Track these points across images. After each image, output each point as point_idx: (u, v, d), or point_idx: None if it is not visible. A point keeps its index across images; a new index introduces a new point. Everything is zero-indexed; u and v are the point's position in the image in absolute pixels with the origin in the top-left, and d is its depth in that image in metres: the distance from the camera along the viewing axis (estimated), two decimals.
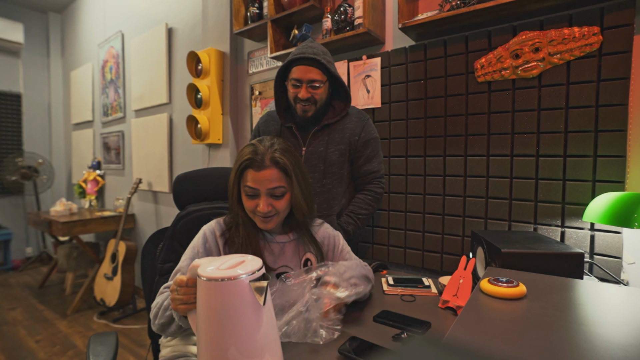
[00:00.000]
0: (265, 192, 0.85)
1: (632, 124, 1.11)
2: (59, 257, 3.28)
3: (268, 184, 0.85)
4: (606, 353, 0.40)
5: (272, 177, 0.85)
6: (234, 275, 0.57)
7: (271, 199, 0.87)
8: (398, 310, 0.96)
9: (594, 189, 1.13)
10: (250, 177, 0.85)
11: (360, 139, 1.33)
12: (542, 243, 0.95)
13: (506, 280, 0.61)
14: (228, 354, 0.57)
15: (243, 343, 0.58)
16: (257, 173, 0.84)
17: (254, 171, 0.85)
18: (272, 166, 0.85)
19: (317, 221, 1.04)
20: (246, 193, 0.88)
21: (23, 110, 4.20)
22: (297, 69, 1.23)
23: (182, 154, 2.73)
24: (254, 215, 0.89)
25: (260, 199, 0.85)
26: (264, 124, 1.44)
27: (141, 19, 3.08)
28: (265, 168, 0.85)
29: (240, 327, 0.58)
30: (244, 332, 0.58)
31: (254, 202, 0.87)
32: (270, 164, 0.85)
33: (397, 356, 0.22)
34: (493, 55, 1.28)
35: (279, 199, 0.87)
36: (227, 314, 0.57)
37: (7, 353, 2.20)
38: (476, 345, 0.44)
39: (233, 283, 0.57)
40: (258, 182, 0.85)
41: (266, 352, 0.60)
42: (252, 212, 0.89)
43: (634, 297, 0.56)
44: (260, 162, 0.85)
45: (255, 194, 0.86)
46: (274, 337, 0.63)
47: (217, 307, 0.58)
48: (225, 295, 0.58)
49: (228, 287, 0.57)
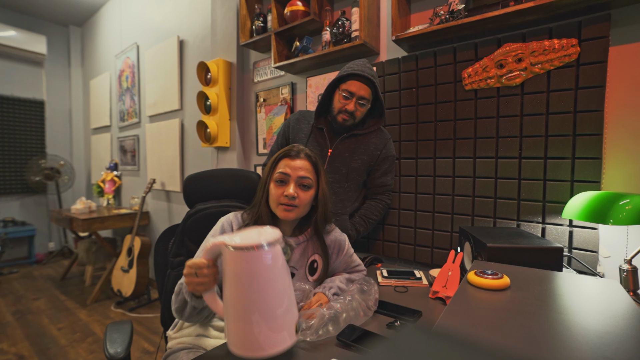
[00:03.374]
0: (295, 180, 0.87)
1: (607, 129, 1.10)
2: (79, 251, 3.28)
3: (299, 171, 0.88)
4: (584, 340, 0.40)
5: (304, 166, 0.89)
6: (259, 244, 0.58)
7: (298, 189, 0.88)
8: (392, 300, 0.96)
9: (572, 188, 1.13)
10: (284, 164, 0.89)
11: (382, 155, 1.36)
12: (525, 238, 0.95)
13: (491, 272, 0.61)
14: (252, 318, 0.58)
15: (268, 307, 0.59)
16: (292, 161, 0.89)
17: (288, 159, 0.89)
18: (306, 158, 0.90)
19: (330, 226, 1.03)
20: (276, 180, 0.89)
21: (46, 116, 4.20)
22: (353, 83, 1.24)
23: (192, 156, 2.73)
24: (277, 206, 0.88)
25: (289, 185, 0.87)
26: (295, 121, 1.44)
27: (155, 31, 3.08)
28: (300, 158, 0.89)
29: (265, 292, 0.59)
30: (271, 296, 0.59)
31: (282, 189, 0.88)
32: (304, 156, 0.90)
33: (391, 343, 0.22)
34: (479, 65, 1.28)
35: (306, 189, 0.89)
36: (255, 280, 0.58)
37: (32, 340, 2.19)
38: (463, 332, 0.44)
39: (260, 252, 0.58)
40: (291, 168, 0.88)
41: (283, 310, 0.61)
42: (277, 200, 0.88)
43: (609, 288, 0.56)
44: (296, 154, 0.90)
45: (285, 180, 0.88)
46: (290, 295, 0.64)
47: (245, 274, 0.58)
48: (254, 262, 0.58)
49: (257, 255, 0.58)
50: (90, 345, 2.13)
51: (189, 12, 2.68)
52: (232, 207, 1.01)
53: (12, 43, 3.76)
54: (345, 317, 0.79)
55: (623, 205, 0.84)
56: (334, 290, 0.93)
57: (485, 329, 0.44)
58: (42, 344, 2.14)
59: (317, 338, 0.73)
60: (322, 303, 0.86)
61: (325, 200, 0.92)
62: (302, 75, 1.97)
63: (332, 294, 0.91)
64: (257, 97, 2.22)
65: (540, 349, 0.38)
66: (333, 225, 1.05)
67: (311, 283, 0.97)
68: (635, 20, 1.05)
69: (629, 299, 0.52)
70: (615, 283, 0.59)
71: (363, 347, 0.70)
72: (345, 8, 1.72)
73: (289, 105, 2.03)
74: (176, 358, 0.87)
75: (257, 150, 2.25)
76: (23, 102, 4.00)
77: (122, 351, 0.81)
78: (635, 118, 1.06)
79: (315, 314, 0.76)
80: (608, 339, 0.39)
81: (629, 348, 0.37)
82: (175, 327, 0.96)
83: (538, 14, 1.14)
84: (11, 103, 3.92)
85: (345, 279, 1.00)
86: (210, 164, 2.45)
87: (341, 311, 0.80)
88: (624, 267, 0.90)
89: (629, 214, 0.82)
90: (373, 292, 0.90)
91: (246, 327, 0.58)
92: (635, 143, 1.06)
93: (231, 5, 2.21)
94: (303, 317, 0.77)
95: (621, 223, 0.82)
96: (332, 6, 1.80)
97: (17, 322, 2.44)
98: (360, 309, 0.84)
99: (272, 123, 2.14)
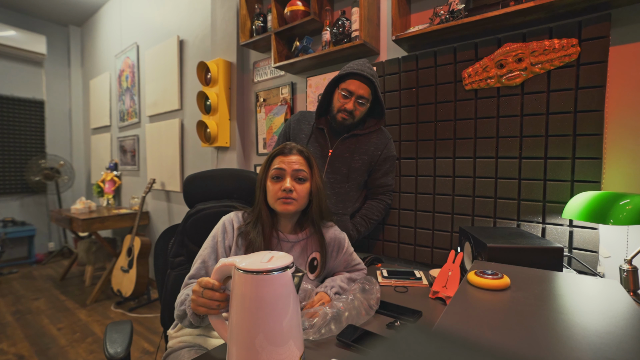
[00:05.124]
0: (291, 173, 0.90)
1: (607, 129, 1.10)
2: (79, 251, 3.28)
3: (294, 165, 0.90)
4: (584, 340, 0.40)
5: (297, 160, 0.91)
6: (272, 268, 0.57)
7: (295, 182, 0.90)
8: (392, 301, 0.96)
9: (573, 188, 1.13)
10: (279, 160, 0.91)
11: (382, 155, 1.36)
12: (525, 238, 0.95)
13: (491, 272, 0.61)
14: (255, 341, 0.56)
15: (271, 331, 0.57)
16: (285, 157, 0.92)
17: (282, 156, 0.92)
18: (298, 153, 0.93)
19: (329, 223, 1.04)
20: (272, 177, 0.91)
21: (46, 116, 4.20)
22: (352, 82, 1.24)
23: (192, 156, 2.73)
24: (276, 201, 0.90)
25: (285, 179, 0.89)
26: (295, 122, 1.45)
27: (155, 31, 3.08)
28: (293, 154, 0.92)
29: (272, 317, 0.57)
30: (275, 321, 0.57)
31: (278, 184, 0.90)
32: (297, 152, 0.93)
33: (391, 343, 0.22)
34: (479, 65, 1.28)
35: (301, 182, 0.91)
36: (263, 304, 0.56)
37: (31, 340, 2.19)
38: (463, 332, 0.44)
39: (272, 276, 0.57)
40: (285, 163, 0.90)
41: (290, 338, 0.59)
42: (275, 196, 0.90)
43: (609, 288, 0.56)
44: (289, 150, 0.93)
45: (281, 175, 0.90)
46: (298, 325, 0.62)
47: (253, 298, 0.56)
48: (264, 287, 0.56)
49: (268, 280, 0.56)
50: (90, 345, 2.12)
51: (189, 12, 2.68)
52: (232, 207, 1.01)
53: (12, 43, 3.76)
54: (348, 316, 0.80)
55: (623, 205, 0.84)
56: (336, 289, 0.93)
57: (485, 329, 0.44)
58: (42, 344, 2.13)
59: (320, 337, 0.74)
60: (324, 302, 0.87)
61: (319, 193, 0.94)
62: (302, 75, 1.97)
63: (333, 293, 0.91)
64: (257, 97, 2.22)
65: (540, 349, 0.38)
66: (332, 222, 1.05)
67: (312, 281, 0.97)
68: (635, 20, 1.05)
69: (629, 299, 0.51)
70: (616, 283, 0.59)
71: (363, 347, 0.70)
72: (345, 8, 1.72)
73: (289, 105, 2.03)
74: (177, 356, 0.87)
75: (257, 150, 2.25)
76: (23, 102, 4.00)
77: (122, 351, 0.81)
78: (635, 118, 1.06)
79: (318, 313, 0.76)
80: (608, 339, 0.39)
81: (629, 348, 0.37)
82: (177, 326, 0.96)
83: (538, 14, 1.14)
84: (11, 103, 3.92)
85: (346, 278, 1.01)
86: (210, 164, 2.45)
87: (343, 310, 0.80)
88: (624, 267, 0.90)
89: (629, 214, 0.82)
90: (375, 292, 0.90)
91: (250, 354, 0.56)
92: (635, 143, 1.06)
93: (231, 5, 2.21)
94: (306, 315, 0.77)
95: (621, 223, 0.82)
96: (332, 6, 1.80)
97: (17, 322, 2.44)
98: (362, 308, 0.84)
99: (272, 123, 2.14)
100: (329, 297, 0.89)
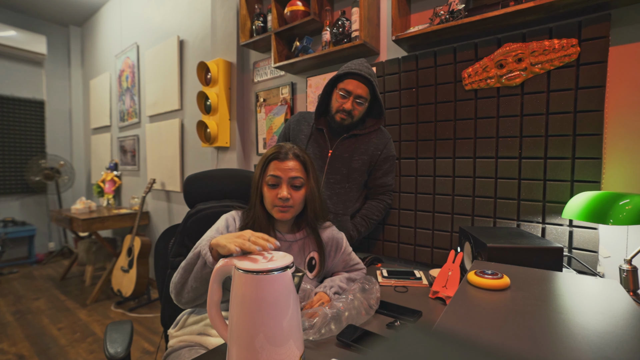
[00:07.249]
0: (287, 181, 0.88)
1: (607, 129, 1.10)
2: (79, 251, 3.28)
3: (290, 172, 0.89)
4: (584, 340, 0.40)
5: (294, 167, 0.89)
6: (272, 268, 0.56)
7: (291, 189, 0.89)
8: (392, 300, 0.96)
9: (572, 188, 1.13)
10: (274, 166, 0.89)
11: (382, 155, 1.36)
12: (525, 238, 0.95)
13: (491, 272, 0.61)
14: (255, 341, 0.56)
15: (272, 331, 0.56)
16: (281, 163, 0.89)
17: (278, 162, 0.90)
18: (294, 158, 0.91)
19: (326, 223, 1.04)
20: (268, 183, 0.90)
21: (46, 116, 4.20)
22: (350, 81, 1.24)
23: (192, 156, 2.73)
24: (272, 208, 0.90)
25: (281, 187, 0.88)
26: (295, 123, 1.45)
27: (155, 31, 3.08)
28: (289, 159, 0.90)
29: (272, 317, 0.56)
30: (276, 321, 0.57)
31: (275, 192, 0.89)
32: (293, 156, 0.91)
33: (391, 343, 0.22)
34: (479, 65, 1.28)
35: (297, 189, 0.90)
36: (263, 304, 0.56)
37: (32, 340, 2.19)
38: (463, 332, 0.44)
39: (273, 276, 0.56)
40: (281, 170, 0.88)
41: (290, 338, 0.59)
42: (272, 203, 0.89)
43: (609, 288, 0.56)
44: (284, 155, 0.90)
45: (277, 183, 0.89)
46: (298, 325, 0.61)
47: (254, 298, 0.56)
48: (265, 287, 0.56)
49: (268, 279, 0.56)
50: (90, 345, 2.12)
51: (189, 12, 2.68)
52: (233, 207, 1.01)
53: (12, 43, 3.76)
54: (348, 316, 0.80)
55: (623, 205, 0.84)
56: (335, 289, 0.93)
57: (485, 329, 0.44)
58: (42, 344, 2.13)
59: (320, 337, 0.74)
60: (324, 302, 0.87)
61: (313, 197, 0.93)
62: (302, 75, 1.97)
63: (333, 293, 0.91)
64: (257, 97, 2.22)
65: (540, 348, 0.38)
66: (329, 222, 1.05)
67: (311, 281, 0.97)
68: (635, 20, 1.05)
69: (629, 299, 0.52)
70: (615, 283, 0.59)
71: (363, 347, 0.70)
72: (345, 8, 1.72)
73: (289, 105, 2.03)
74: (178, 356, 0.87)
75: (257, 150, 2.25)
76: (23, 102, 4.00)
77: (122, 351, 0.81)
78: (635, 118, 1.06)
79: (318, 313, 0.76)
80: (608, 339, 0.39)
81: (629, 348, 0.37)
82: (177, 326, 0.96)
83: (538, 14, 1.14)
84: (11, 103, 3.92)
85: (345, 278, 1.01)
86: (210, 164, 2.45)
87: (343, 310, 0.80)
88: (624, 267, 0.90)
89: (629, 214, 0.82)
90: (374, 291, 0.90)
91: (250, 354, 0.56)
92: (635, 143, 1.06)
93: (231, 5, 2.21)
94: (305, 315, 0.77)
95: (621, 223, 0.82)
96: (332, 6, 1.80)
97: (17, 322, 2.44)
98: (362, 307, 0.84)
99: (272, 123, 2.14)
100: (328, 297, 0.89)
